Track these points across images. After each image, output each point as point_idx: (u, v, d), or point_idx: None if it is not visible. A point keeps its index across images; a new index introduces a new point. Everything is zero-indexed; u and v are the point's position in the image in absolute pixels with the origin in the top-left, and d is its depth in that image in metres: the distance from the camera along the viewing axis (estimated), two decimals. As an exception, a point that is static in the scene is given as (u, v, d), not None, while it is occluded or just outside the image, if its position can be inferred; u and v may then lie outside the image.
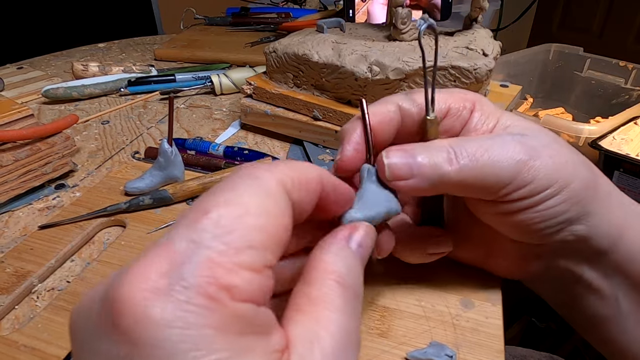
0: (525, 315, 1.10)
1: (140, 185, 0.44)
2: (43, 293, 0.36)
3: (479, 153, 0.26)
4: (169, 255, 0.15)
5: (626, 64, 0.92)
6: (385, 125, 0.28)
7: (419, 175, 0.26)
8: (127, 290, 0.15)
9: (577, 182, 0.27)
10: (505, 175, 0.26)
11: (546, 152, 0.27)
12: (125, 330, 0.14)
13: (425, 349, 0.29)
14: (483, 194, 0.28)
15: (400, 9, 0.49)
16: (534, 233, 0.29)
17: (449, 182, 0.26)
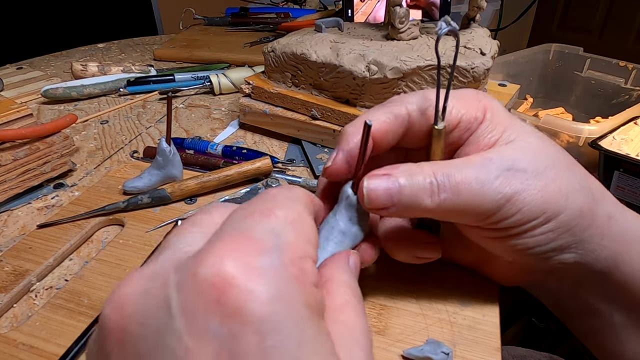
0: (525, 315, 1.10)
1: (138, 184, 0.44)
2: (41, 291, 0.36)
3: (462, 186, 0.26)
4: (253, 242, 0.17)
5: (626, 64, 0.91)
6: (388, 134, 0.28)
7: (398, 204, 0.26)
8: (230, 269, 0.15)
9: (568, 212, 0.27)
10: (488, 208, 0.26)
11: (536, 183, 0.26)
12: (233, 307, 0.15)
13: (422, 346, 0.29)
14: (467, 221, 0.28)
15: (398, 8, 0.49)
16: (523, 257, 0.29)
17: (430, 212, 0.27)
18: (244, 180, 0.45)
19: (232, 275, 0.15)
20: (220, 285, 0.15)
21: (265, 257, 0.16)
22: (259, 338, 0.14)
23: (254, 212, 0.18)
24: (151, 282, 0.16)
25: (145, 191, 0.43)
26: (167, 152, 0.43)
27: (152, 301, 0.16)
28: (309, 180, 0.46)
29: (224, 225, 0.18)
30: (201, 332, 0.15)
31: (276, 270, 0.16)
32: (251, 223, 0.18)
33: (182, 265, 0.16)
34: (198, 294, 0.15)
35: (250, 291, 0.15)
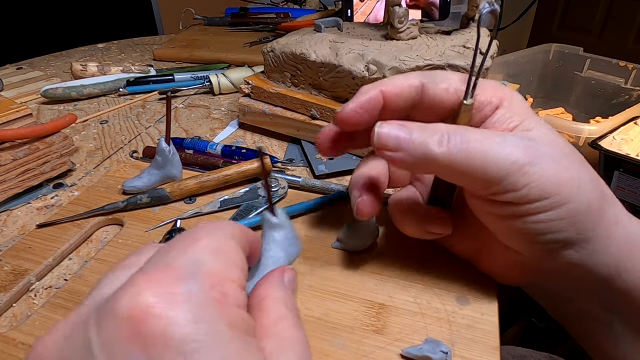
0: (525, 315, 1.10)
1: (137, 184, 0.44)
2: (41, 291, 0.36)
3: (473, 142, 0.26)
4: (173, 272, 0.17)
5: (626, 64, 0.91)
6: (401, 98, 0.30)
7: (405, 150, 0.27)
8: (148, 299, 0.16)
9: (577, 204, 0.26)
10: (495, 172, 0.26)
11: (551, 163, 0.26)
12: (153, 334, 0.15)
13: (420, 345, 0.29)
14: (469, 185, 0.28)
15: (397, 8, 0.49)
16: (525, 244, 0.29)
17: (435, 163, 0.27)
18: (243, 180, 0.45)
19: (150, 305, 0.15)
20: (139, 317, 0.15)
21: (184, 284, 0.17)
22: (182, 358, 0.15)
23: (176, 246, 0.19)
24: (73, 326, 0.17)
25: (144, 191, 0.43)
26: (166, 151, 0.43)
27: (73, 344, 0.16)
28: (308, 179, 0.46)
29: (147, 262, 0.19)
30: None
31: (195, 295, 0.16)
32: (172, 255, 0.18)
33: (102, 304, 0.17)
34: (117, 329, 0.15)
35: (169, 317, 0.15)
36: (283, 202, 0.43)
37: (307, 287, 0.34)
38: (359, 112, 0.30)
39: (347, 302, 0.33)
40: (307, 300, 0.33)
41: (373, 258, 0.37)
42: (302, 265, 0.36)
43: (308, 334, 0.30)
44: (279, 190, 0.44)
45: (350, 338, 0.30)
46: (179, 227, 0.40)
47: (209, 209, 0.42)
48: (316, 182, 0.45)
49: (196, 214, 0.42)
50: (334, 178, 0.49)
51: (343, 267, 0.36)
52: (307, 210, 0.42)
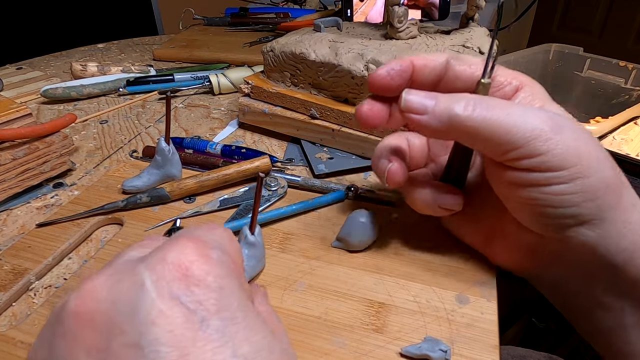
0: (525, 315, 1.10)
1: (137, 183, 0.44)
2: (40, 290, 0.36)
3: (498, 108, 0.27)
4: (205, 242, 0.21)
5: (626, 64, 0.91)
6: (428, 69, 0.31)
7: (431, 113, 0.29)
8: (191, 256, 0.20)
9: (597, 179, 0.26)
10: (517, 137, 0.26)
11: (572, 135, 0.26)
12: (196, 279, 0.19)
13: (419, 344, 0.29)
14: (490, 150, 0.28)
15: (396, 7, 0.49)
16: (538, 219, 0.28)
17: (459, 126, 0.28)
18: (242, 180, 0.46)
19: (193, 259, 0.20)
20: (185, 266, 0.19)
21: (215, 251, 0.21)
22: (217, 301, 0.19)
23: (199, 229, 0.23)
24: (121, 273, 0.20)
25: (144, 190, 0.43)
26: (166, 151, 0.43)
27: (124, 284, 0.19)
28: (307, 179, 0.46)
29: (171, 238, 0.22)
30: (172, 298, 0.18)
31: (222, 261, 0.21)
32: (199, 233, 0.22)
33: (149, 257, 0.20)
34: (168, 272, 0.19)
35: (207, 269, 0.19)
36: (282, 201, 0.44)
37: (307, 287, 0.34)
38: (390, 73, 0.31)
39: (346, 301, 0.33)
40: (306, 300, 0.33)
41: (373, 257, 0.37)
42: (302, 265, 0.36)
43: (308, 333, 0.30)
44: (278, 189, 0.44)
45: (350, 337, 0.30)
46: (178, 226, 0.40)
47: (208, 208, 0.42)
48: (316, 182, 0.45)
49: (196, 213, 0.42)
50: (334, 177, 0.49)
51: (343, 266, 0.36)
52: (306, 209, 0.42)
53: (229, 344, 0.18)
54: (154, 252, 0.20)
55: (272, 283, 0.34)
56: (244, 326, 0.19)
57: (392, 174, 0.33)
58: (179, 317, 0.18)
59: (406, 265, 0.36)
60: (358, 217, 0.37)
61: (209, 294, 0.19)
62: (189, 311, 0.18)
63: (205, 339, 0.18)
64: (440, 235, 0.38)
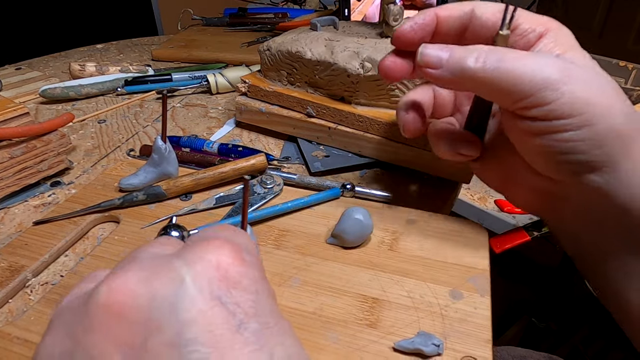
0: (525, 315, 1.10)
1: (134, 181, 0.44)
2: (37, 287, 0.36)
3: (509, 59, 0.28)
4: (235, 245, 0.21)
5: (626, 64, 0.91)
6: (452, 18, 0.32)
7: (445, 66, 0.30)
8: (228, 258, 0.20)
9: (605, 127, 0.27)
10: (527, 86, 0.27)
11: (583, 85, 0.27)
12: (234, 280, 0.19)
13: (412, 338, 0.29)
14: (502, 100, 0.29)
15: (392, 5, 0.49)
16: (549, 165, 0.30)
17: (470, 78, 0.29)
18: (238, 177, 0.46)
19: (230, 262, 0.19)
20: (223, 267, 0.19)
21: (246, 254, 0.20)
22: (255, 304, 0.19)
23: (225, 230, 0.23)
24: (156, 268, 0.19)
25: (140, 188, 0.43)
26: (162, 149, 0.43)
27: (160, 279, 0.18)
28: (303, 177, 0.46)
29: (194, 238, 0.21)
30: (213, 298, 0.18)
31: (254, 264, 0.21)
32: (226, 234, 0.22)
33: (186, 253, 0.20)
34: (207, 270, 0.19)
35: (243, 272, 0.19)
36: (278, 198, 0.44)
37: (302, 283, 0.34)
38: (414, 28, 0.32)
39: (341, 296, 0.33)
40: (301, 295, 0.33)
41: (367, 253, 0.37)
42: (297, 261, 0.36)
43: (302, 329, 0.31)
44: (274, 187, 0.44)
45: (344, 332, 0.30)
46: (174, 223, 0.40)
47: (204, 206, 0.43)
48: (312, 180, 0.46)
49: (192, 211, 0.42)
50: (330, 175, 0.49)
51: (337, 262, 0.36)
52: (302, 206, 0.42)
53: (265, 348, 0.18)
54: (188, 250, 0.20)
55: (267, 279, 0.35)
56: (277, 330, 0.19)
57: (406, 124, 0.37)
58: (219, 318, 0.18)
59: (400, 261, 0.36)
60: (353, 214, 0.37)
61: (247, 296, 0.19)
62: (228, 312, 0.18)
63: (243, 342, 0.17)
64: (435, 232, 0.38)
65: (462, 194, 0.96)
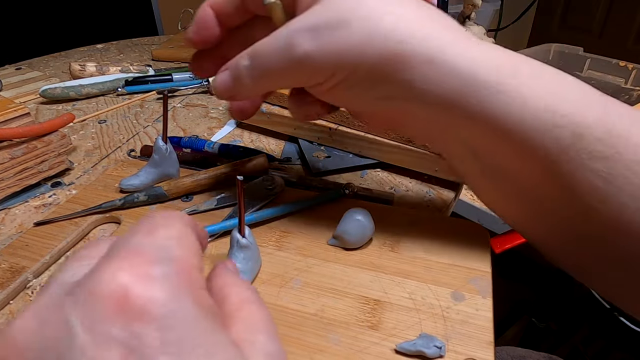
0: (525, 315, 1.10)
1: (135, 182, 0.44)
2: (38, 288, 0.36)
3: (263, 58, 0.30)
4: (144, 255, 0.18)
5: (626, 64, 0.91)
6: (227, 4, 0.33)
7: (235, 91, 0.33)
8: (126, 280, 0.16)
9: (368, 64, 0.28)
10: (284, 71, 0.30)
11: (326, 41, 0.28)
12: (134, 311, 0.16)
13: (414, 340, 0.29)
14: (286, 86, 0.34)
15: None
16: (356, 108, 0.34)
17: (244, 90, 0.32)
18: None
19: (129, 285, 0.16)
20: (119, 296, 0.16)
21: (158, 266, 0.17)
22: (160, 334, 0.16)
23: (137, 233, 0.19)
24: (46, 311, 0.17)
25: (141, 189, 0.43)
26: (163, 150, 0.43)
27: (50, 329, 0.16)
28: (304, 178, 0.46)
29: (110, 249, 0.19)
30: (105, 340, 0.15)
31: (169, 277, 0.17)
32: (138, 240, 0.18)
33: (76, 288, 0.17)
34: (99, 307, 0.16)
35: (148, 296, 0.16)
36: (279, 199, 0.44)
37: (303, 284, 0.34)
38: (198, 32, 0.34)
39: (342, 298, 0.33)
40: (302, 297, 0.33)
41: (369, 254, 0.37)
42: (298, 263, 0.36)
43: (303, 330, 0.30)
44: (275, 188, 0.44)
45: (345, 334, 0.30)
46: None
47: (205, 206, 0.43)
48: (313, 180, 0.45)
49: (193, 212, 0.42)
50: (330, 176, 0.49)
51: (339, 263, 0.36)
52: (303, 207, 0.42)
53: None
54: (84, 279, 0.17)
55: (268, 281, 0.35)
56: (201, 353, 0.16)
57: None
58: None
59: (402, 263, 0.36)
60: (354, 215, 0.37)
61: (151, 326, 0.16)
62: (128, 351, 0.15)
63: None
64: (437, 233, 0.38)
65: (463, 194, 0.96)
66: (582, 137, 0.28)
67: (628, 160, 0.27)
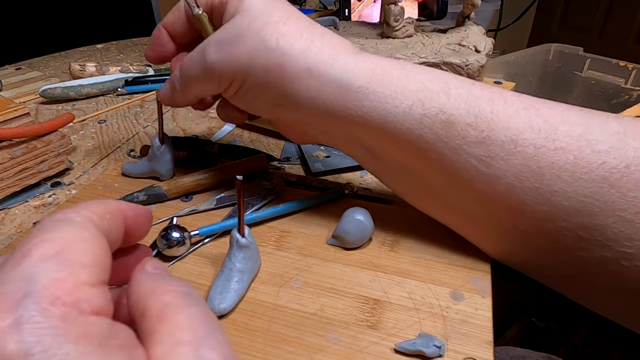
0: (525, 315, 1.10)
1: (130, 168, 0.47)
2: (37, 288, 0.36)
3: (185, 70, 0.36)
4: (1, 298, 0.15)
5: (626, 64, 0.91)
6: (176, 24, 0.38)
7: (172, 100, 0.39)
8: None
9: (257, 73, 0.33)
10: (198, 79, 0.36)
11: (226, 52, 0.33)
12: None
13: (414, 340, 0.29)
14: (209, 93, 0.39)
15: (392, 6, 0.49)
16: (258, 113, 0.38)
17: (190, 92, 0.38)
18: (239, 178, 0.46)
19: None
20: None
21: (13, 311, 0.15)
22: None
23: (8, 261, 0.17)
24: None
25: (140, 189, 0.43)
26: (154, 148, 0.44)
27: None
28: (304, 177, 0.46)
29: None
30: None
31: (28, 321, 0.14)
32: (2, 276, 0.16)
33: None
34: None
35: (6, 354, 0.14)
36: (279, 199, 0.44)
37: (303, 284, 0.34)
38: (154, 50, 0.39)
39: (342, 297, 0.33)
40: (302, 297, 0.33)
41: (368, 254, 0.37)
42: (298, 262, 0.36)
43: (303, 330, 0.30)
44: (275, 188, 0.44)
45: (345, 333, 0.30)
46: (175, 224, 0.40)
47: (205, 206, 0.43)
48: (312, 180, 0.45)
49: (192, 212, 0.42)
50: (330, 176, 0.49)
51: (338, 263, 0.36)
52: (302, 207, 0.42)
53: None
54: None
55: (267, 280, 0.35)
56: None
57: None
58: None
59: (401, 263, 0.36)
60: (354, 214, 0.37)
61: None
62: None
63: None
64: (436, 233, 0.38)
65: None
66: (453, 125, 0.30)
67: (500, 142, 0.29)
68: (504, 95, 0.31)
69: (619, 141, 0.28)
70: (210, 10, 0.36)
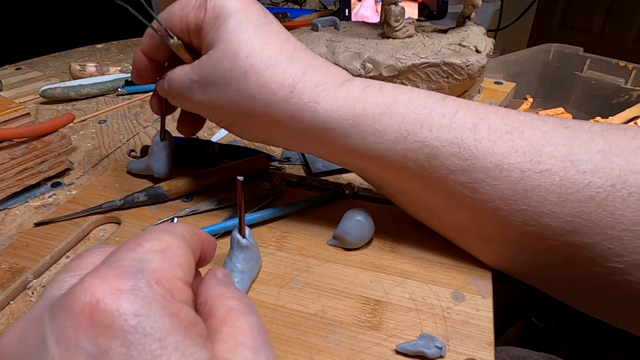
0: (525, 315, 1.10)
1: (133, 165, 0.47)
2: (38, 289, 0.36)
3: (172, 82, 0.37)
4: (118, 269, 0.18)
5: (626, 64, 0.91)
6: (153, 47, 0.38)
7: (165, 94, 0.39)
8: (97, 294, 0.17)
9: (245, 118, 0.35)
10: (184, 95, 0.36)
11: (215, 95, 0.34)
12: (102, 325, 0.16)
13: (415, 341, 0.29)
14: None
15: (393, 6, 0.49)
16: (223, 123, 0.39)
17: (173, 97, 0.38)
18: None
19: (98, 300, 0.17)
20: (88, 311, 0.16)
21: (129, 280, 0.18)
22: (127, 349, 0.16)
23: (123, 248, 0.20)
24: (26, 325, 0.18)
25: (141, 190, 0.43)
26: (153, 143, 0.44)
27: (28, 342, 0.17)
28: (305, 178, 0.46)
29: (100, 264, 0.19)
30: (74, 353, 0.16)
31: (140, 290, 0.17)
32: (119, 255, 0.19)
33: (54, 304, 0.18)
34: (69, 323, 0.16)
35: (116, 310, 0.16)
36: (279, 200, 0.44)
37: (304, 284, 0.34)
38: (137, 74, 0.39)
39: (343, 298, 0.33)
40: (303, 297, 0.33)
41: (369, 255, 0.37)
42: (298, 263, 0.36)
43: (304, 331, 0.30)
44: (275, 188, 0.44)
45: (346, 334, 0.30)
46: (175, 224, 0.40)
47: (205, 206, 0.43)
48: (313, 180, 0.45)
49: (193, 212, 0.42)
50: (331, 176, 0.49)
51: (339, 264, 0.36)
52: (303, 208, 0.42)
53: None
54: (65, 293, 0.18)
55: (268, 281, 0.35)
56: None
57: None
58: None
59: (402, 263, 0.36)
60: (355, 215, 0.37)
61: (117, 341, 0.16)
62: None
63: None
64: (437, 233, 0.38)
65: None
66: (436, 156, 0.31)
67: (485, 168, 0.30)
68: (488, 119, 0.31)
69: (604, 159, 0.28)
70: (187, 36, 0.36)
